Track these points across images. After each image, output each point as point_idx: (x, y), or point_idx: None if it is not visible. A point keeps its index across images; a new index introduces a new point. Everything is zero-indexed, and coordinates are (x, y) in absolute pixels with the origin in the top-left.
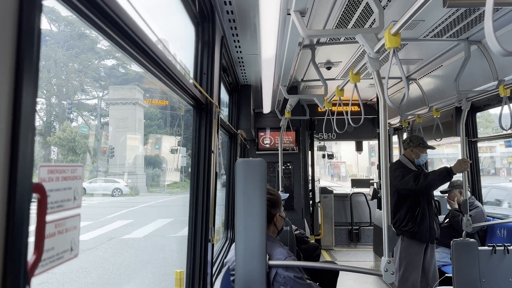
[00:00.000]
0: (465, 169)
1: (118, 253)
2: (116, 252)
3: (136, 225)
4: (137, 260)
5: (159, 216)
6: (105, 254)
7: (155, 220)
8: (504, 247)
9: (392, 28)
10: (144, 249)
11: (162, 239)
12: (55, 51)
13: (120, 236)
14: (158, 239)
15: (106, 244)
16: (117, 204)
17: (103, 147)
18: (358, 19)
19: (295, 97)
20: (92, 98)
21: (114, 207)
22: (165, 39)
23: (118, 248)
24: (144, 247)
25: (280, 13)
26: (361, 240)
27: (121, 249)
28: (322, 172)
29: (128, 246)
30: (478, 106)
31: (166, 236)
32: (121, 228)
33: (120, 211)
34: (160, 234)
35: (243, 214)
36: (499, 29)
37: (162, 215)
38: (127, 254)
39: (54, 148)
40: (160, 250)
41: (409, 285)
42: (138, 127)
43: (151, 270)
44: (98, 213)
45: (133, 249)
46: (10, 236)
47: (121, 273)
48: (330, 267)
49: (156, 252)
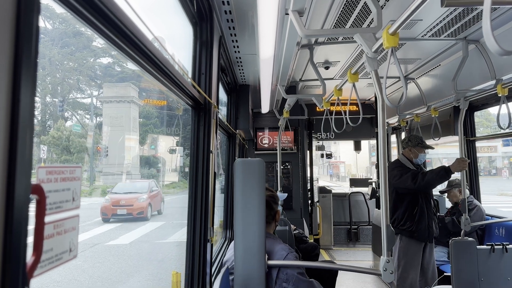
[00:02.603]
0: (463, 168)
1: (99, 263)
2: (97, 261)
3: (124, 229)
4: (118, 271)
5: (150, 219)
6: (84, 264)
7: (146, 223)
8: (502, 246)
9: (390, 28)
10: (129, 258)
11: (149, 246)
12: (50, 49)
13: (104, 242)
14: (145, 246)
15: (88, 252)
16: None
17: (97, 146)
18: (356, 19)
19: (293, 97)
20: (87, 97)
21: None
22: (162, 37)
23: (100, 256)
24: (128, 255)
25: (278, 13)
26: (359, 239)
27: (104, 257)
28: (321, 172)
29: (111, 254)
30: (476, 105)
31: (154, 243)
32: (107, 233)
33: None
34: (148, 239)
35: (241, 214)
36: (497, 28)
37: (154, 218)
38: (108, 263)
39: (44, 147)
40: (145, 260)
41: (408, 284)
42: (133, 126)
43: (132, 286)
44: (87, 215)
45: (116, 257)
46: (9, 237)
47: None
48: (329, 266)
49: (140, 262)
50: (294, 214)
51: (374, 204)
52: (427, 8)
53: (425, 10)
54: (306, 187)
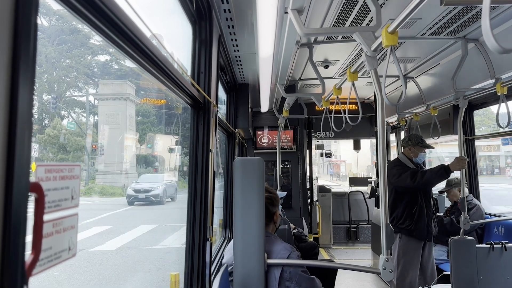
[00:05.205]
0: (463, 167)
1: (78, 273)
2: (77, 271)
3: (113, 233)
4: (98, 283)
5: (142, 222)
6: (62, 275)
7: (137, 226)
8: (501, 244)
9: (389, 27)
10: (112, 268)
11: (137, 253)
12: (45, 46)
13: (89, 248)
14: (132, 253)
15: (70, 260)
16: (102, 206)
17: (93, 144)
18: (356, 18)
19: (293, 96)
20: (83, 95)
21: (98, 209)
22: (161, 35)
23: (82, 265)
24: (112, 264)
25: (278, 11)
26: (359, 238)
27: (85, 267)
28: (321, 171)
29: (94, 263)
30: (475, 104)
31: (143, 249)
32: (95, 237)
33: (101, 215)
34: (136, 245)
35: (241, 214)
36: (496, 27)
37: (146, 220)
38: (88, 274)
39: (35, 146)
40: (130, 270)
41: (407, 282)
42: (129, 124)
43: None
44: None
45: (99, 266)
46: (7, 235)
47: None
48: (328, 265)
49: (124, 273)
50: (294, 213)
51: (373, 203)
52: (426, 6)
53: (424, 8)
54: (306, 186)
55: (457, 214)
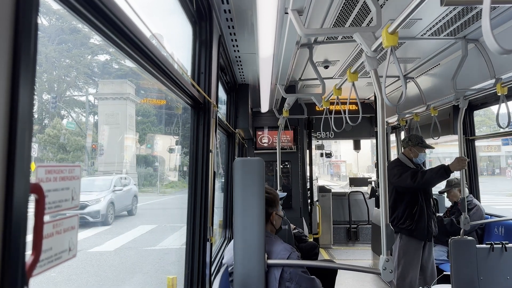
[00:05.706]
0: (463, 167)
1: (75, 275)
2: (74, 272)
3: (113, 233)
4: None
5: (142, 222)
6: (58, 276)
7: (136, 226)
8: (502, 245)
9: (389, 27)
10: (109, 269)
11: (135, 254)
12: (45, 45)
13: (87, 249)
14: (130, 254)
15: (68, 261)
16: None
17: (92, 144)
18: (356, 18)
19: (293, 96)
20: (82, 95)
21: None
22: (161, 36)
23: (79, 266)
24: (110, 265)
25: (278, 12)
26: (359, 238)
27: (82, 268)
28: (322, 171)
29: (91, 264)
30: (475, 104)
31: (141, 249)
32: (93, 237)
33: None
34: (135, 246)
35: (241, 214)
36: (496, 27)
37: (146, 220)
38: (85, 277)
39: (35, 145)
40: (128, 273)
41: (408, 283)
42: (129, 124)
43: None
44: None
45: (96, 267)
46: (8, 236)
47: None
48: (328, 265)
49: (122, 275)
50: (294, 213)
51: (373, 203)
52: (427, 7)
53: (425, 9)
54: (306, 186)
55: (457, 215)
